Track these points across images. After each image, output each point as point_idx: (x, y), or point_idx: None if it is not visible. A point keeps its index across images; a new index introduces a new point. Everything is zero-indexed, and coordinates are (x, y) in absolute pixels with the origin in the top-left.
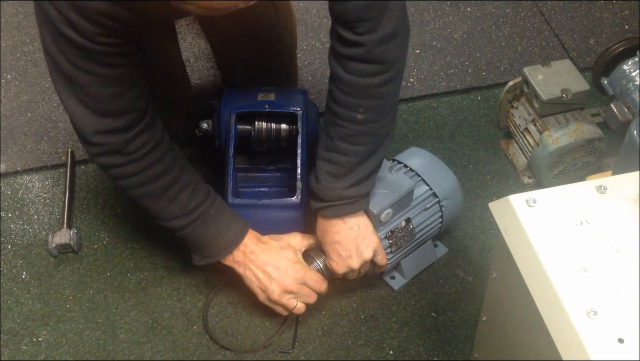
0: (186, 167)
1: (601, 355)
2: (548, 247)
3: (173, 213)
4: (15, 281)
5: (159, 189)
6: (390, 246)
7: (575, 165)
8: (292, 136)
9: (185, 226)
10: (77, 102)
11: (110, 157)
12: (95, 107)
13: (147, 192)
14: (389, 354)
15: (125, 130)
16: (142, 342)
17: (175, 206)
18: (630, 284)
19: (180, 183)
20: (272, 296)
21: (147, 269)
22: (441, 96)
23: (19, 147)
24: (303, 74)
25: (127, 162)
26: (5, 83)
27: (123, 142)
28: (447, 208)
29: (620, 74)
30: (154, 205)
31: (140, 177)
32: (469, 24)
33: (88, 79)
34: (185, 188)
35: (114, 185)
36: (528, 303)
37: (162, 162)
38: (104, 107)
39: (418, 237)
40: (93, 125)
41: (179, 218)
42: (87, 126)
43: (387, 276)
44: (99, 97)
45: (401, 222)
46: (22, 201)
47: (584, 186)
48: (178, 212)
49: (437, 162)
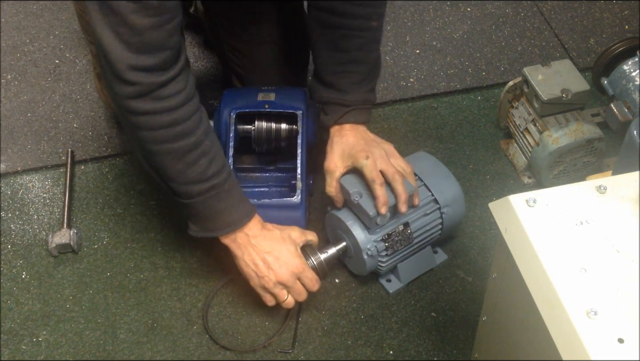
0: (210, 132)
1: (601, 355)
2: (548, 247)
3: (189, 177)
4: (15, 281)
5: (182, 150)
6: (386, 249)
7: (575, 165)
8: (292, 136)
9: (198, 194)
10: (113, 35)
11: (142, 100)
12: (131, 41)
13: (170, 150)
14: (389, 354)
15: (160, 70)
16: (142, 342)
17: (193, 171)
18: (630, 284)
19: (203, 147)
20: (267, 284)
21: (147, 269)
22: (441, 96)
23: (19, 147)
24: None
25: (159, 110)
26: (5, 83)
27: (157, 84)
28: (448, 216)
29: (620, 74)
30: (173, 166)
31: (167, 132)
32: (469, 24)
33: (127, 6)
34: (206, 154)
35: (135, 136)
36: (528, 303)
37: (191, 120)
38: (141, 40)
39: (416, 242)
40: (128, 60)
41: (194, 184)
42: (122, 61)
43: (384, 278)
44: (137, 27)
45: (399, 226)
46: (22, 201)
47: (584, 186)
48: (195, 177)
49: (441, 168)
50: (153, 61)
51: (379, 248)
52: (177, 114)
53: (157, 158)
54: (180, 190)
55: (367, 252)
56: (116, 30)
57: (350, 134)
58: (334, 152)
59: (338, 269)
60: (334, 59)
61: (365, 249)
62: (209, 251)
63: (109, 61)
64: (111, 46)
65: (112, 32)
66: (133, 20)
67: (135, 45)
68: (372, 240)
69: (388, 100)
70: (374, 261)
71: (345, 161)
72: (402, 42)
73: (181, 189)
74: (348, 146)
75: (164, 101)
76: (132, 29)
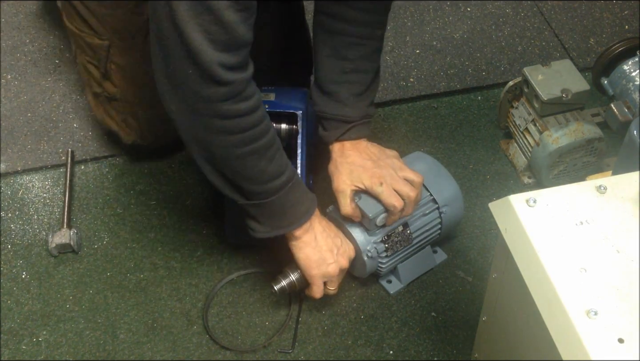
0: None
1: (601, 355)
2: (548, 247)
3: (271, 173)
4: (15, 281)
5: (264, 147)
6: (386, 250)
7: (575, 165)
8: (292, 136)
9: (279, 189)
10: (203, 34)
11: (234, 102)
12: (222, 39)
13: (256, 149)
14: (389, 354)
15: (244, 67)
16: (142, 342)
17: (273, 166)
18: (630, 284)
19: (277, 141)
20: (333, 271)
21: (147, 269)
22: (441, 96)
23: (19, 147)
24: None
25: (249, 110)
26: (5, 83)
27: (245, 82)
28: (447, 215)
29: (620, 74)
30: (256, 165)
31: (255, 131)
32: (469, 24)
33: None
34: (279, 148)
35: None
36: (528, 303)
37: (266, 116)
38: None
39: (416, 242)
40: (219, 59)
41: (274, 180)
42: (214, 60)
43: (384, 280)
44: (230, 24)
45: (398, 227)
46: (22, 201)
47: (584, 186)
48: (275, 172)
49: (439, 168)
50: (239, 58)
51: (378, 249)
52: (259, 112)
53: (241, 161)
54: (260, 190)
55: (367, 253)
56: (207, 30)
57: (354, 154)
58: (340, 173)
59: None
60: (336, 67)
61: (365, 251)
62: (209, 251)
63: (201, 62)
64: (201, 47)
65: (202, 32)
66: (228, 16)
67: (225, 43)
68: (371, 241)
69: (388, 100)
70: (374, 262)
71: (355, 181)
72: (402, 42)
73: (261, 189)
74: (355, 167)
75: (250, 100)
76: (225, 26)
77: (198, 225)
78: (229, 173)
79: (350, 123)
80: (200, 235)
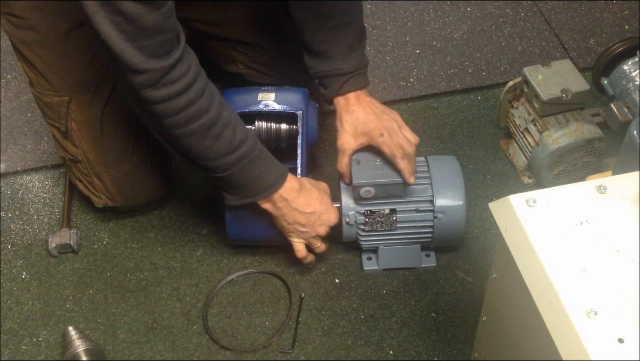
0: (224, 104)
1: (601, 355)
2: (548, 247)
3: (219, 151)
4: (15, 281)
5: (204, 127)
6: (364, 224)
7: (575, 165)
8: (292, 136)
9: (232, 165)
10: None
11: (156, 88)
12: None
13: (193, 130)
14: (389, 354)
15: (165, 54)
16: (142, 342)
17: (221, 143)
18: (630, 284)
19: (223, 119)
20: (306, 235)
21: (147, 269)
22: (441, 96)
23: (19, 147)
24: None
25: (174, 94)
26: (5, 83)
27: (166, 68)
28: (441, 223)
29: (620, 74)
30: (199, 144)
31: (186, 114)
32: (469, 24)
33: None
34: (228, 125)
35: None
36: (528, 303)
37: (204, 96)
38: (134, 26)
39: (400, 233)
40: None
41: (225, 157)
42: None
43: (366, 255)
44: (131, 14)
45: (385, 209)
46: (22, 201)
47: (584, 186)
48: (223, 150)
49: (456, 178)
50: (154, 46)
51: (358, 220)
52: (190, 94)
53: (183, 141)
54: (213, 166)
55: (346, 218)
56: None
57: (358, 108)
58: (345, 130)
59: (338, 269)
60: (321, 27)
61: (345, 215)
62: (209, 251)
63: (115, 53)
64: (111, 38)
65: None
66: (127, 7)
67: (132, 33)
68: (355, 210)
69: (388, 100)
70: (351, 230)
71: (359, 138)
72: (402, 42)
73: (214, 165)
74: (360, 123)
75: (176, 84)
76: (128, 17)
77: (198, 225)
78: (180, 151)
79: (346, 75)
80: (200, 235)
